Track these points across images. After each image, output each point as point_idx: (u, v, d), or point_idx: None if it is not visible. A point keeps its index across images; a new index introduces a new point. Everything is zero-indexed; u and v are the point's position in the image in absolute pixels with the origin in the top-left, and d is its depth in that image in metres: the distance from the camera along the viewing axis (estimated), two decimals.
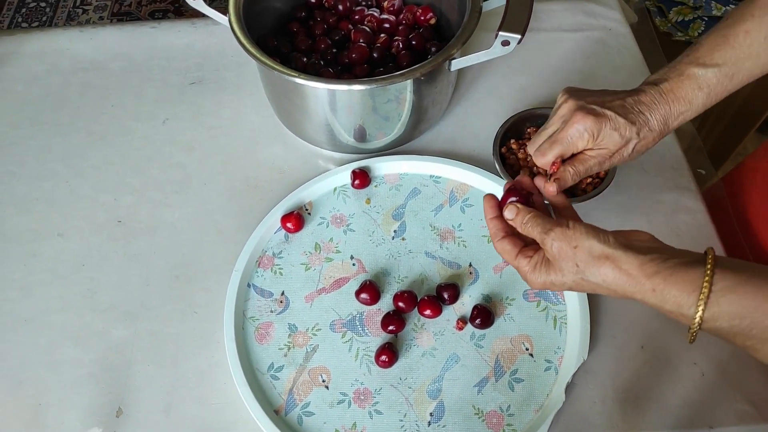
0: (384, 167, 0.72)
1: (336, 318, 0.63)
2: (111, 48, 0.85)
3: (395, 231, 0.68)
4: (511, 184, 0.56)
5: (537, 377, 0.59)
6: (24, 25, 1.90)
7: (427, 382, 0.59)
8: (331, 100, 0.67)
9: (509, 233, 0.53)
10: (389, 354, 0.59)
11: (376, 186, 0.72)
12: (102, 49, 0.85)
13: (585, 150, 0.56)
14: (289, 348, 0.61)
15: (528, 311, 0.62)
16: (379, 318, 0.62)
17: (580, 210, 0.56)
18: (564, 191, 0.57)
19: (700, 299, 0.41)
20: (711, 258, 0.43)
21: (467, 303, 0.63)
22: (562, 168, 0.57)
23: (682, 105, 0.55)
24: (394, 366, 0.59)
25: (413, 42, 0.75)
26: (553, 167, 0.56)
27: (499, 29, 0.61)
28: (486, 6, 0.70)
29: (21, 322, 0.63)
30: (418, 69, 0.64)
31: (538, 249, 0.51)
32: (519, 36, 0.61)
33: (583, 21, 0.88)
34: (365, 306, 0.63)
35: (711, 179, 0.79)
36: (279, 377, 0.59)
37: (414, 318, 0.62)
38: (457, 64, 0.67)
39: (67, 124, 0.78)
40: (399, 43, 0.75)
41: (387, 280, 0.65)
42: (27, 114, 0.79)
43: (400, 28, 0.77)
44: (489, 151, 0.71)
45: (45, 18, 1.92)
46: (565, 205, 0.55)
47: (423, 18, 0.77)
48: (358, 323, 0.62)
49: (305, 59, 0.74)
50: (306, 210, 0.70)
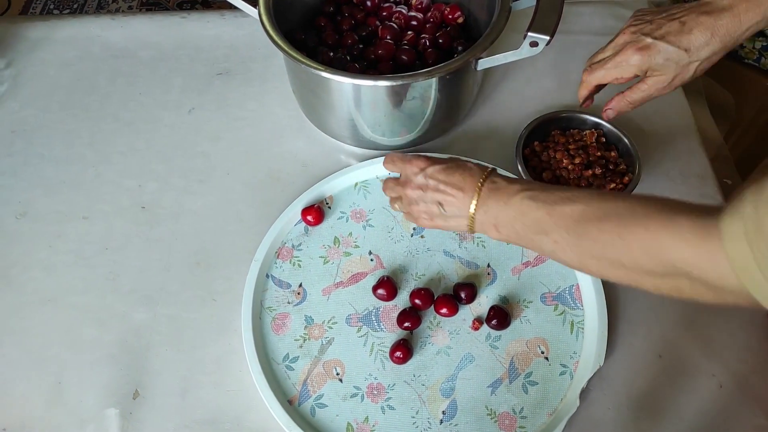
0: None
1: (352, 312, 0.63)
2: (141, 36, 0.87)
3: (414, 228, 0.68)
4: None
5: (551, 381, 0.58)
6: (56, 12, 1.93)
7: (441, 380, 0.59)
8: (356, 95, 0.67)
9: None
10: (404, 350, 0.59)
11: None
12: (132, 38, 0.87)
13: (643, 78, 0.60)
14: (305, 339, 0.61)
15: (545, 314, 0.62)
16: (395, 314, 0.62)
17: None
18: None
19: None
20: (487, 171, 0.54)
21: (484, 303, 0.63)
22: (618, 98, 0.63)
23: (756, 13, 0.54)
24: (408, 362, 0.60)
25: (440, 40, 0.75)
26: (610, 103, 0.64)
27: (528, 30, 0.61)
28: (515, 6, 0.70)
29: (44, 301, 0.64)
30: (444, 67, 0.64)
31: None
32: (548, 37, 0.60)
33: (613, 25, 0.87)
34: (382, 302, 0.63)
35: (736, 188, 0.78)
36: (294, 368, 0.60)
37: (430, 316, 0.62)
38: (484, 63, 0.66)
39: (96, 109, 0.79)
40: (426, 41, 0.75)
41: (404, 277, 0.65)
42: (57, 98, 0.81)
43: (427, 26, 0.77)
44: (512, 153, 0.71)
45: (76, 6, 1.95)
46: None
47: (451, 16, 0.77)
48: (374, 318, 0.62)
49: (331, 54, 0.74)
50: (326, 204, 0.70)
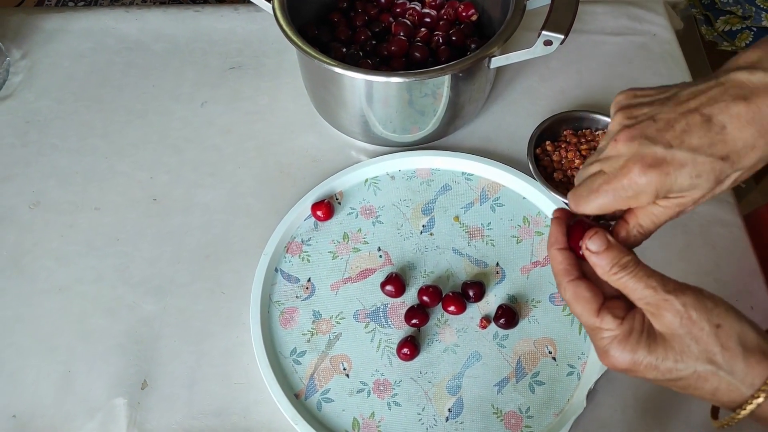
0: (416, 162, 0.72)
1: (360, 308, 0.63)
2: (155, 29, 0.87)
3: (424, 226, 0.68)
4: (578, 219, 0.41)
5: (558, 381, 0.58)
6: (71, 4, 1.95)
7: (447, 377, 0.59)
8: (368, 91, 0.67)
9: (581, 275, 0.39)
10: (411, 347, 0.59)
11: (407, 179, 0.72)
12: (146, 30, 0.87)
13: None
14: (313, 334, 0.61)
15: (553, 315, 0.62)
16: (403, 311, 0.62)
17: None
18: None
19: None
20: None
21: (492, 302, 0.63)
22: (624, 229, 0.40)
23: None
24: (415, 359, 0.60)
25: (453, 38, 0.75)
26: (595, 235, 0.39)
27: (543, 28, 0.60)
28: (529, 5, 0.69)
29: (56, 290, 0.65)
30: (457, 65, 0.64)
31: (630, 310, 0.38)
32: (562, 36, 0.60)
33: (627, 25, 0.86)
34: (390, 298, 0.63)
35: (750, 193, 0.77)
36: (301, 362, 0.60)
37: (438, 313, 0.62)
38: (497, 61, 0.66)
39: (109, 101, 0.80)
40: (439, 38, 0.75)
41: (413, 274, 0.65)
42: (71, 89, 0.81)
43: (440, 23, 0.77)
44: (523, 152, 0.70)
45: None
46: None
47: (465, 14, 0.77)
48: (381, 314, 0.63)
49: (344, 50, 0.74)
50: (336, 199, 0.70)
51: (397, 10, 0.79)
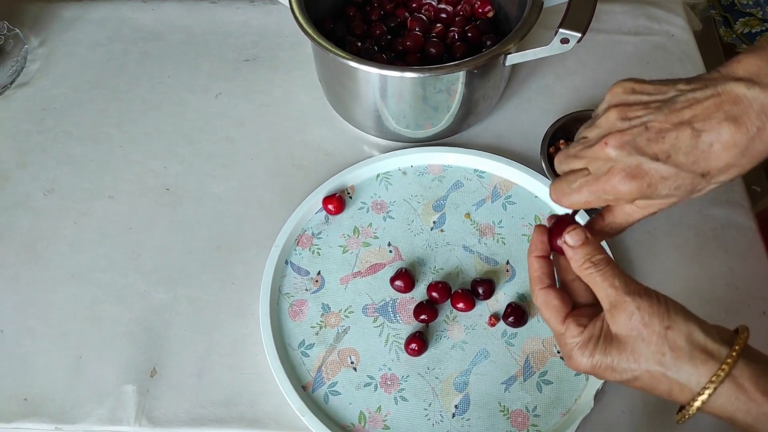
0: (428, 158, 0.72)
1: (369, 302, 0.63)
2: (171, 20, 0.87)
3: (434, 222, 0.68)
4: (562, 217, 0.43)
5: (566, 381, 0.58)
6: None
7: (455, 374, 0.59)
8: (382, 85, 0.67)
9: (554, 285, 0.42)
10: (419, 342, 0.59)
11: (419, 175, 0.72)
12: (162, 21, 0.87)
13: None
14: (321, 327, 0.62)
15: None
16: (412, 306, 0.62)
17: None
18: None
19: None
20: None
21: (501, 300, 0.63)
22: (602, 220, 0.44)
23: None
24: (422, 355, 0.60)
25: (469, 34, 0.75)
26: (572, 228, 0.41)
27: (560, 26, 0.60)
28: (546, 2, 0.69)
29: (68, 276, 0.66)
30: (472, 61, 0.64)
31: (593, 317, 0.40)
32: (579, 34, 0.60)
33: (645, 25, 0.85)
34: (399, 293, 0.63)
35: (766, 197, 0.76)
36: (309, 354, 0.60)
37: (446, 310, 0.62)
38: (513, 59, 0.66)
39: (125, 90, 0.80)
40: (454, 34, 0.74)
41: (422, 269, 0.65)
42: (87, 78, 0.82)
43: (456, 19, 0.77)
44: (537, 150, 0.70)
45: None
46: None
47: (481, 10, 0.77)
48: (390, 309, 0.63)
49: (359, 44, 0.74)
50: (348, 193, 0.70)
51: (413, 5, 0.78)
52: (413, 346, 0.59)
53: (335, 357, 0.60)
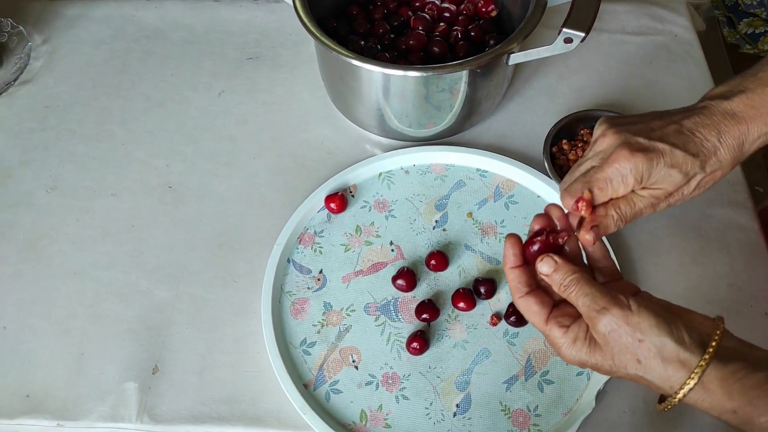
0: (431, 157, 0.72)
1: (371, 301, 0.63)
2: (174, 18, 0.87)
3: (437, 221, 0.68)
4: (542, 224, 0.46)
5: (568, 381, 0.58)
6: None
7: (456, 373, 0.59)
8: (385, 84, 0.67)
9: (534, 287, 0.44)
10: (420, 342, 0.59)
11: (421, 174, 0.72)
12: (166, 19, 0.87)
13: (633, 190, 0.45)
14: (323, 325, 0.62)
15: None
16: (414, 305, 0.62)
17: None
18: None
19: None
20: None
21: (503, 299, 0.63)
22: (603, 211, 0.45)
23: (764, 124, 0.44)
24: (424, 354, 0.60)
25: (472, 33, 0.74)
26: (589, 211, 0.45)
27: (563, 25, 0.60)
28: (550, 2, 0.69)
29: (70, 274, 0.66)
30: (475, 60, 0.64)
31: (576, 317, 0.43)
32: (583, 34, 0.60)
33: (648, 25, 0.85)
34: (401, 292, 0.63)
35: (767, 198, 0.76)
36: (310, 353, 0.60)
37: (448, 309, 0.62)
38: (516, 58, 0.66)
39: (128, 88, 0.81)
40: (458, 33, 0.74)
41: (424, 269, 0.65)
42: (91, 76, 0.82)
43: (460, 18, 0.77)
44: (539, 150, 0.70)
45: None
46: (605, 257, 0.46)
47: (484, 9, 0.76)
48: (392, 308, 0.63)
49: (362, 42, 0.74)
50: (350, 192, 0.71)
51: (416, 4, 0.78)
52: (415, 345, 0.59)
53: (337, 355, 0.60)
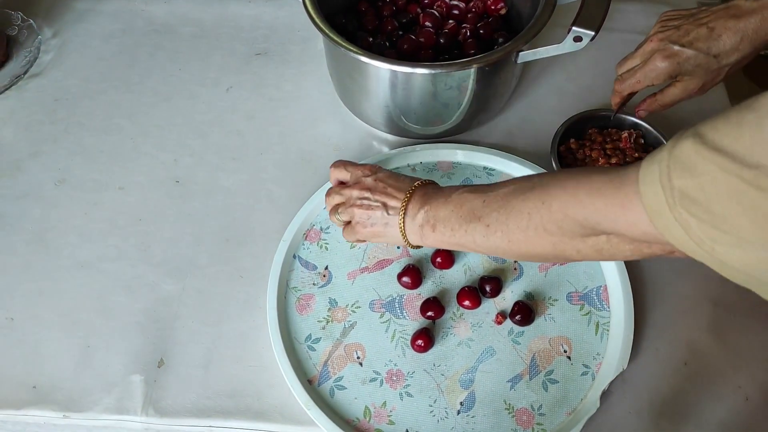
0: (438, 154, 0.72)
1: (376, 298, 0.63)
2: (183, 13, 0.88)
3: None
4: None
5: (572, 381, 0.58)
6: None
7: (461, 371, 0.59)
8: (393, 81, 0.67)
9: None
10: (425, 339, 0.59)
11: (428, 172, 0.72)
12: (175, 13, 0.88)
13: (673, 82, 0.60)
14: (328, 321, 0.62)
15: (570, 314, 0.61)
16: (419, 303, 0.62)
17: None
18: None
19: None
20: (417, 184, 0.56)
21: (509, 298, 0.63)
22: (650, 100, 0.65)
23: None
24: (429, 351, 0.60)
25: (481, 31, 0.74)
26: (642, 104, 0.66)
27: (573, 24, 0.60)
28: (560, 0, 0.68)
29: (78, 266, 0.66)
30: (483, 58, 0.64)
31: None
32: (593, 33, 0.59)
33: None
34: (406, 289, 0.63)
35: None
36: (315, 348, 0.60)
37: (453, 307, 0.62)
38: (525, 56, 0.65)
39: (136, 82, 0.81)
40: (467, 31, 0.74)
41: (429, 266, 0.65)
42: (100, 69, 0.82)
43: (469, 15, 0.76)
44: (547, 149, 0.70)
45: None
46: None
47: (493, 7, 0.76)
48: (397, 305, 0.63)
49: (371, 39, 0.74)
50: None
51: (425, 1, 0.78)
52: (419, 342, 0.59)
53: (341, 352, 0.60)
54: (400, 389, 0.58)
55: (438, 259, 0.64)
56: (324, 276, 0.65)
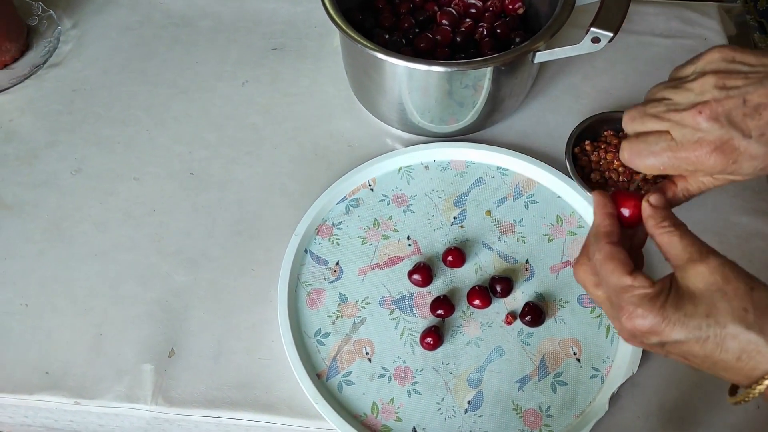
0: (451, 153, 0.72)
1: (386, 294, 0.63)
2: (201, 6, 0.88)
3: (455, 218, 0.68)
4: (621, 191, 0.45)
5: (581, 383, 0.58)
6: None
7: (469, 370, 0.59)
8: (409, 78, 0.67)
9: (621, 244, 0.40)
10: (435, 337, 0.59)
11: (441, 170, 0.72)
12: (193, 7, 0.88)
13: None
14: (338, 317, 0.62)
15: (581, 316, 0.61)
16: (429, 301, 0.62)
17: None
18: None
19: None
20: None
21: (519, 299, 0.62)
22: (674, 185, 0.42)
23: None
24: (437, 350, 0.60)
25: (498, 30, 0.74)
26: (652, 193, 0.42)
27: (592, 25, 0.59)
28: (578, 0, 0.68)
29: (92, 255, 0.67)
30: (500, 57, 0.63)
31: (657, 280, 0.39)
32: (611, 34, 0.59)
33: (678, 27, 0.84)
34: (416, 287, 0.63)
35: None
36: (324, 343, 0.61)
37: (463, 306, 0.62)
38: (542, 56, 0.65)
39: (154, 74, 0.81)
40: (483, 30, 0.74)
41: (440, 265, 0.65)
42: (118, 61, 0.83)
43: (486, 14, 0.76)
44: (561, 150, 0.69)
45: None
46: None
47: (511, 6, 0.76)
48: (407, 303, 0.63)
49: (387, 36, 0.74)
50: (369, 186, 0.71)
51: None
52: (428, 340, 0.59)
53: (350, 347, 0.60)
54: (408, 386, 0.58)
55: (449, 258, 0.64)
56: (335, 271, 0.65)
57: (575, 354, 0.59)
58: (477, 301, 0.61)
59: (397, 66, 0.65)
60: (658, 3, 0.86)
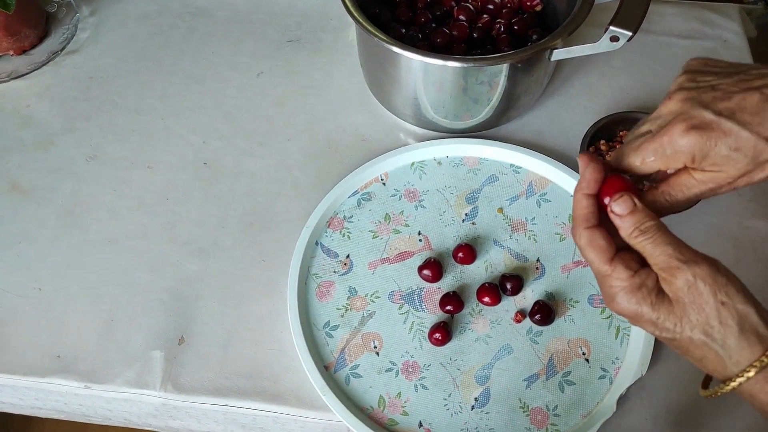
0: (465, 149, 0.72)
1: (396, 289, 0.63)
2: None
3: (466, 214, 0.68)
4: (613, 175, 0.40)
5: (589, 383, 0.57)
6: None
7: (477, 367, 0.59)
8: (424, 73, 0.67)
9: (599, 225, 0.39)
10: (443, 333, 0.59)
11: (454, 167, 0.71)
12: None
13: (690, 169, 0.39)
14: (347, 310, 0.62)
15: (591, 316, 0.61)
16: (438, 296, 0.62)
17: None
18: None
19: None
20: None
21: (529, 297, 0.62)
22: (651, 197, 0.41)
23: None
24: (446, 345, 0.60)
25: (515, 27, 0.74)
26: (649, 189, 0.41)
27: (611, 23, 0.59)
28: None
29: (105, 242, 0.67)
30: (516, 54, 0.63)
31: (644, 265, 0.38)
32: (630, 33, 0.58)
33: (697, 28, 0.83)
34: (426, 282, 0.63)
35: None
36: (333, 335, 0.61)
37: (472, 302, 0.62)
38: (559, 54, 0.65)
39: (170, 64, 0.82)
40: (500, 26, 0.74)
41: (451, 261, 0.65)
42: (134, 50, 0.83)
43: (503, 11, 0.76)
44: (575, 149, 0.69)
45: None
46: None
47: (528, 3, 0.75)
48: (416, 298, 0.63)
49: (403, 31, 0.74)
50: (381, 180, 0.71)
51: None
52: (437, 335, 0.59)
53: (359, 340, 0.60)
54: (415, 381, 0.58)
55: (460, 254, 0.64)
56: (345, 264, 0.65)
57: (584, 354, 0.59)
58: (486, 298, 0.61)
59: (413, 60, 0.65)
60: (677, 3, 0.85)
